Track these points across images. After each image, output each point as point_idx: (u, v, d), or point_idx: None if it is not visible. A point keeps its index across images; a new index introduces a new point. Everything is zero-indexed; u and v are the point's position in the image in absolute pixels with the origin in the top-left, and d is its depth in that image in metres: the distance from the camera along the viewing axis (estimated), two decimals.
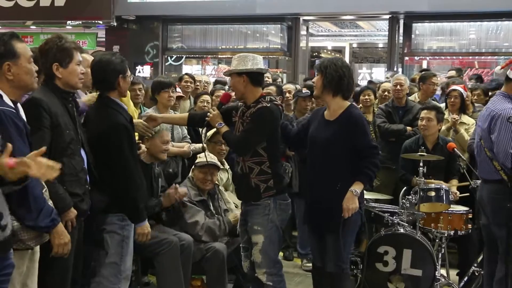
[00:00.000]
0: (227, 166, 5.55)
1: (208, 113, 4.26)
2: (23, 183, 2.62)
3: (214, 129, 5.16)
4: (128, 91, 4.95)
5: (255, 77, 4.12)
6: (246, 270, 4.33)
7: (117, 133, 3.72)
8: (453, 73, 8.53)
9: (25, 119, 3.02)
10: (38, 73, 3.19)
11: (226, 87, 7.57)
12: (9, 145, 2.46)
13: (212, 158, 4.97)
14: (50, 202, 3.06)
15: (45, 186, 3.06)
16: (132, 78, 4.59)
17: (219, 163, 5.08)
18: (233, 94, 4.39)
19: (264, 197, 4.07)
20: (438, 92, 7.95)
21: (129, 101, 5.50)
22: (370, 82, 8.68)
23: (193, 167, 5.08)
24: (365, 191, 5.60)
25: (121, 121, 3.78)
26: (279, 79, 8.48)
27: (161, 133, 4.61)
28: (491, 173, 4.31)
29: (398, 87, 6.61)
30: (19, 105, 3.05)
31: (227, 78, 6.30)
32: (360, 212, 4.19)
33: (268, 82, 7.02)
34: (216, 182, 5.12)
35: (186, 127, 5.83)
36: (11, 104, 2.92)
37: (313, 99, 6.10)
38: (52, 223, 3.03)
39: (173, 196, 4.64)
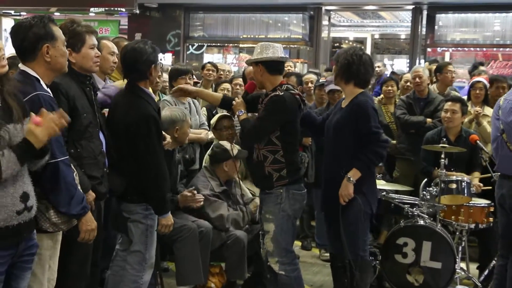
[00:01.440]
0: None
1: (233, 101, 4.33)
2: (46, 155, 2.66)
3: (217, 116, 5.34)
4: None
5: (272, 66, 4.16)
6: (264, 257, 4.35)
7: (146, 124, 3.69)
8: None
9: None
10: None
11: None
12: (31, 114, 2.55)
13: (225, 145, 4.98)
14: (79, 188, 3.08)
15: (75, 170, 3.09)
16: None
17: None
18: None
19: (277, 186, 4.10)
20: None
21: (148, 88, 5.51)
22: (393, 73, 8.60)
23: (206, 156, 5.12)
24: (384, 182, 5.64)
25: (151, 112, 3.75)
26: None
27: (187, 118, 4.64)
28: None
29: (417, 79, 6.53)
30: (49, 89, 3.09)
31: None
32: (366, 200, 4.18)
33: (290, 71, 7.00)
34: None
35: (205, 114, 5.85)
36: (47, 88, 2.99)
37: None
38: (83, 210, 3.05)
39: (189, 200, 4.62)
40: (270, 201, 4.15)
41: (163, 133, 4.11)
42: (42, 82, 2.99)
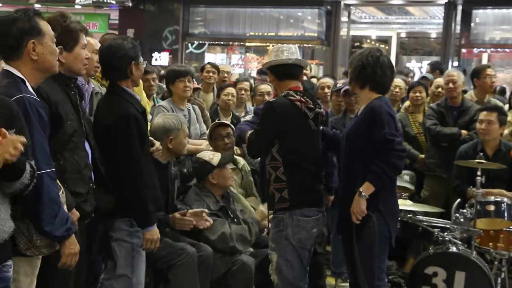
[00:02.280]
0: (241, 164, 5.54)
1: None
2: (21, 177, 2.63)
3: (212, 125, 5.45)
4: (140, 81, 4.99)
5: (278, 71, 4.20)
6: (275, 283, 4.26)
7: (126, 123, 3.72)
8: None
9: None
10: None
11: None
12: (3, 131, 2.47)
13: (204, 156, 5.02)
14: (65, 207, 3.08)
15: (62, 187, 3.09)
16: (145, 66, 4.58)
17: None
18: None
19: (278, 209, 4.09)
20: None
21: (141, 91, 5.52)
22: (423, 77, 8.56)
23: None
24: (410, 202, 5.63)
25: (131, 111, 3.78)
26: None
27: (183, 126, 4.65)
28: None
29: (451, 84, 6.52)
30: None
31: None
32: (383, 220, 4.13)
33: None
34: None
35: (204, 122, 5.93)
36: (31, 90, 2.96)
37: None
38: (67, 232, 3.04)
39: (180, 224, 4.58)
40: (274, 226, 4.15)
41: (152, 139, 4.15)
42: (27, 83, 2.97)
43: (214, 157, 4.91)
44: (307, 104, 4.19)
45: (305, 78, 7.09)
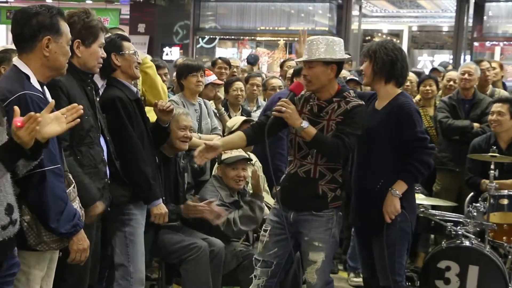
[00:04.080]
0: (254, 159, 5.51)
1: (281, 108, 3.87)
2: (39, 157, 2.66)
3: (239, 121, 5.22)
4: (153, 66, 5.01)
5: (340, 68, 4.02)
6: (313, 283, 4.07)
7: (113, 106, 3.82)
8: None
9: None
10: None
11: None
12: (16, 109, 2.51)
13: (240, 151, 4.95)
14: (75, 203, 3.09)
15: (73, 181, 3.10)
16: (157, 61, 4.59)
17: (247, 156, 5.07)
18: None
19: (331, 208, 3.96)
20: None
21: (155, 75, 5.49)
22: (433, 69, 8.54)
23: (216, 164, 5.08)
24: (422, 196, 5.61)
25: (117, 94, 3.89)
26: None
27: (178, 117, 4.57)
28: None
29: (467, 75, 6.48)
30: (45, 87, 3.10)
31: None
32: (408, 217, 4.13)
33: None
34: (248, 177, 5.11)
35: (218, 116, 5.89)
36: (38, 87, 2.97)
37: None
38: (74, 229, 3.04)
39: (193, 211, 4.63)
40: (320, 225, 3.96)
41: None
42: (33, 79, 2.97)
43: (225, 153, 4.91)
44: None
45: None
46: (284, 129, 4.13)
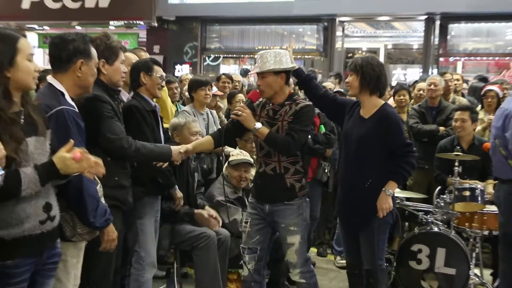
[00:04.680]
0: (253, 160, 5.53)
1: (238, 112, 3.91)
2: (68, 178, 2.65)
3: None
4: (166, 89, 5.03)
5: (288, 76, 3.98)
6: (247, 273, 4.10)
7: (128, 112, 3.82)
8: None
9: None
10: None
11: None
12: (71, 141, 2.51)
13: (245, 155, 4.98)
14: (102, 200, 3.11)
15: (99, 182, 3.11)
16: (169, 77, 4.59)
17: (251, 160, 5.05)
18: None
19: (299, 196, 3.98)
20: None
21: (167, 98, 5.56)
22: (416, 82, 8.48)
23: (226, 165, 5.09)
24: (398, 190, 5.60)
25: (133, 103, 3.91)
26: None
27: (188, 124, 4.62)
28: (507, 172, 4.22)
29: (433, 86, 6.53)
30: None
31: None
32: (392, 211, 4.11)
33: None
34: (251, 178, 5.11)
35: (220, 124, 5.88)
36: (71, 102, 2.99)
37: None
38: (106, 222, 3.09)
39: (205, 221, 4.66)
40: (292, 212, 3.96)
41: None
42: (67, 95, 2.99)
43: (232, 156, 4.95)
44: None
45: None
46: (245, 132, 4.12)
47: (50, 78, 3.04)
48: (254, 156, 5.25)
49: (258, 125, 3.86)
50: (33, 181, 2.40)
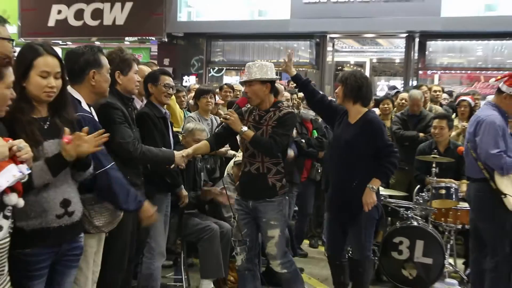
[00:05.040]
0: None
1: (227, 116, 3.91)
2: (88, 168, 2.65)
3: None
4: (174, 97, 5.03)
5: (273, 85, 3.97)
6: (240, 262, 4.08)
7: (140, 119, 3.80)
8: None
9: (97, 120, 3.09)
10: None
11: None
12: (66, 129, 2.50)
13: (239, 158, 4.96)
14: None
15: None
16: (177, 87, 4.57)
17: None
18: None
19: (280, 194, 3.92)
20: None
21: (175, 105, 5.56)
22: (397, 92, 8.51)
23: (231, 164, 5.08)
24: (382, 188, 5.62)
25: (145, 110, 3.91)
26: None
27: (194, 131, 4.62)
28: (477, 173, 4.22)
29: (414, 102, 6.61)
30: (91, 108, 3.12)
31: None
32: (376, 206, 4.12)
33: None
34: None
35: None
36: (87, 109, 3.00)
37: None
38: (139, 204, 3.09)
39: (213, 193, 4.66)
40: (273, 208, 3.91)
41: None
42: (83, 103, 2.99)
43: (238, 157, 4.93)
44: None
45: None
46: (233, 135, 4.07)
47: (69, 88, 2.98)
48: None
49: (245, 128, 3.86)
50: (44, 171, 2.39)
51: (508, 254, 4.10)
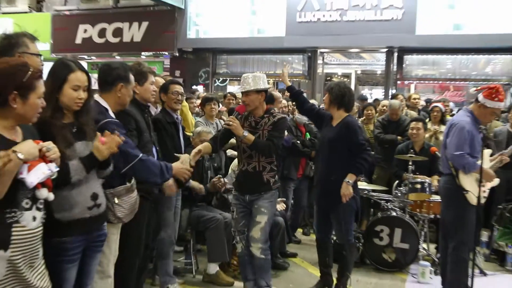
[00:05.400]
0: None
1: (229, 122, 3.87)
2: (109, 167, 2.70)
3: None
4: (186, 104, 5.05)
5: (266, 93, 3.96)
6: (240, 249, 4.07)
7: (154, 124, 3.77)
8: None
9: None
10: None
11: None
12: (98, 134, 2.58)
13: None
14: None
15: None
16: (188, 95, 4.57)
17: None
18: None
19: (274, 189, 3.93)
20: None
21: (188, 112, 5.59)
22: (375, 100, 8.60)
23: (235, 163, 5.09)
24: (365, 184, 5.65)
25: (158, 117, 3.94)
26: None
27: (201, 133, 4.64)
28: (446, 168, 4.24)
29: (393, 116, 6.63)
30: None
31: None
32: (354, 197, 4.13)
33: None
34: None
35: None
36: (113, 116, 3.04)
37: None
38: (169, 175, 3.14)
39: (216, 184, 4.67)
40: (266, 198, 3.89)
41: None
42: (110, 111, 3.03)
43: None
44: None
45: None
46: (232, 137, 4.05)
47: (97, 97, 3.06)
48: None
49: (246, 132, 3.85)
50: (79, 169, 2.47)
51: (464, 240, 4.10)
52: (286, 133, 4.59)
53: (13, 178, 2.03)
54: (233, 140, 4.22)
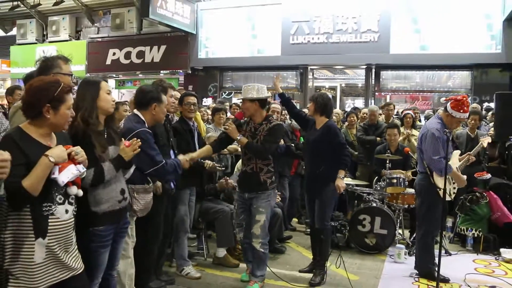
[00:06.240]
0: None
1: (226, 126, 3.78)
2: (131, 167, 2.71)
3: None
4: (199, 113, 4.99)
5: (263, 102, 3.80)
6: (239, 238, 4.04)
7: (173, 131, 3.78)
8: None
9: None
10: None
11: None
12: (123, 140, 2.64)
13: None
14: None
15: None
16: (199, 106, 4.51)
17: None
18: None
19: (270, 189, 3.78)
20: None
21: (200, 121, 5.52)
22: (355, 108, 8.55)
23: (239, 164, 5.04)
24: (350, 179, 5.60)
25: (175, 125, 3.92)
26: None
27: (210, 138, 4.59)
28: (422, 168, 4.21)
29: (372, 116, 6.60)
30: None
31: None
32: (334, 189, 4.07)
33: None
34: None
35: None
36: (147, 127, 3.12)
37: None
38: (181, 168, 3.23)
39: (224, 185, 4.63)
40: (263, 198, 3.75)
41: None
42: (146, 123, 3.13)
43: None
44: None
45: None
46: (231, 142, 3.94)
47: (136, 111, 3.17)
48: None
49: (240, 136, 3.75)
50: (111, 169, 2.50)
51: (430, 229, 4.13)
52: (282, 141, 4.46)
53: (47, 178, 2.05)
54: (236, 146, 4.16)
